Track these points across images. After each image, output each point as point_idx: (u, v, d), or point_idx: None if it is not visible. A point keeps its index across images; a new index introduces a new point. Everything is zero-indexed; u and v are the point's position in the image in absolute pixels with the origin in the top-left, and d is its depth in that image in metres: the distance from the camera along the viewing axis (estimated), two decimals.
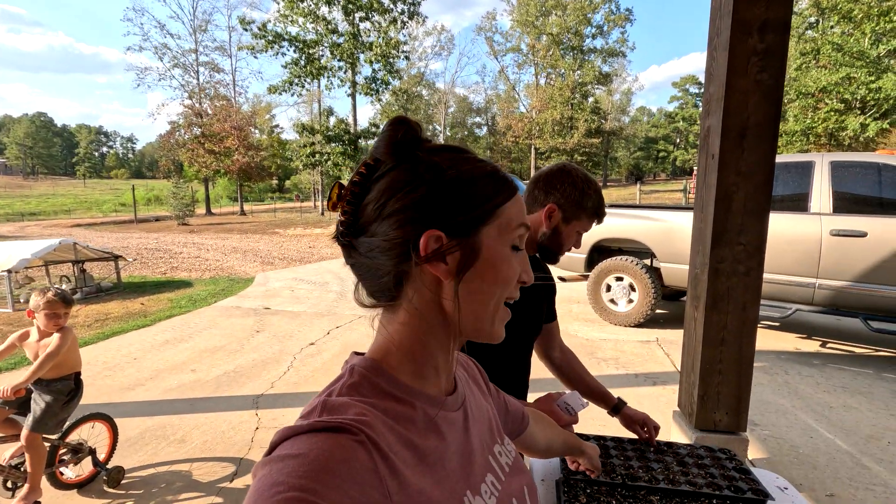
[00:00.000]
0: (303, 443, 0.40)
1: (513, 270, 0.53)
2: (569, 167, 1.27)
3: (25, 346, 2.42)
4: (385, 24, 21.23)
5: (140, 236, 19.04)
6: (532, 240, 1.30)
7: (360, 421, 0.43)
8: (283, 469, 0.38)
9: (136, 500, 2.53)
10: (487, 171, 0.53)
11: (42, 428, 2.34)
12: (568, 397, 1.21)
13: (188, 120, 33.40)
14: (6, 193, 50.38)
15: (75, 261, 8.45)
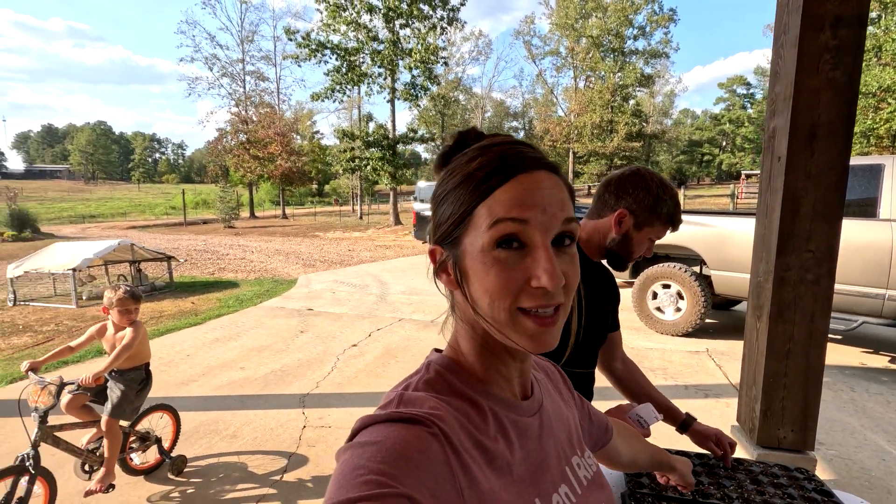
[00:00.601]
0: (381, 431, 0.43)
1: (501, 276, 0.46)
2: (643, 171, 1.22)
3: (103, 339, 2.60)
4: (424, 31, 21.46)
5: (189, 238, 19.91)
6: (600, 245, 1.27)
7: (434, 415, 0.45)
8: (364, 454, 0.40)
9: (197, 487, 2.65)
10: (468, 173, 0.49)
11: (119, 414, 2.50)
12: (640, 409, 1.17)
13: (235, 127, 34.76)
14: (70, 197, 53.80)
15: (132, 261, 8.92)
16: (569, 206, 0.50)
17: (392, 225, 23.34)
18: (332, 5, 20.84)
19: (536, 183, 0.48)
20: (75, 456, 2.47)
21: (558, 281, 0.46)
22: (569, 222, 0.49)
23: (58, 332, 5.97)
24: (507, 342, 0.49)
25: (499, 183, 0.47)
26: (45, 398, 2.27)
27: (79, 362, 4.63)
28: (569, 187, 0.52)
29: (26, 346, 5.38)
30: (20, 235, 19.99)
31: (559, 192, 0.49)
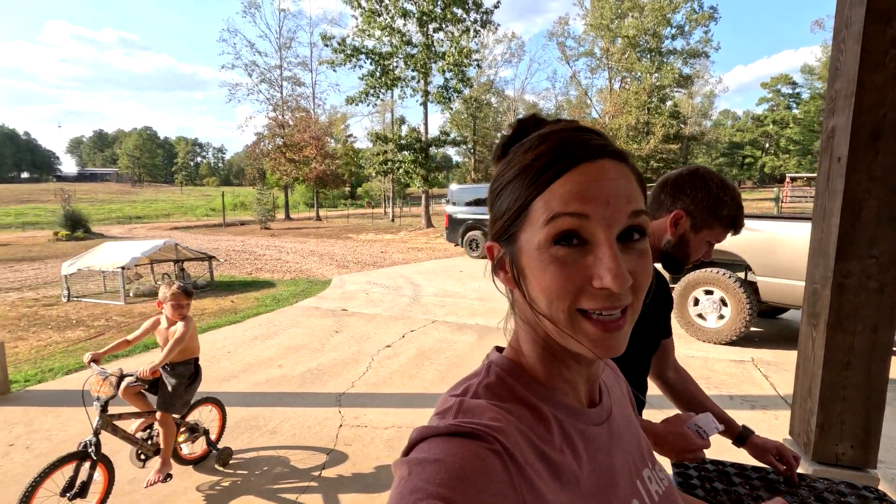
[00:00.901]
0: (440, 447, 0.40)
1: (559, 275, 0.44)
2: (703, 171, 1.17)
3: (156, 332, 2.72)
4: (458, 34, 21.53)
5: (228, 239, 20.57)
6: (654, 248, 1.22)
7: (495, 428, 0.42)
8: (422, 474, 0.38)
9: (242, 479, 2.75)
10: (525, 164, 0.46)
11: (171, 408, 2.62)
12: (700, 419, 1.11)
13: (272, 131, 35.74)
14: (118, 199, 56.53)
15: (176, 260, 9.28)
16: (637, 198, 0.45)
17: (424, 227, 23.46)
18: (367, 11, 21.19)
19: (599, 173, 0.44)
20: (131, 444, 2.60)
21: (623, 281, 0.41)
22: (637, 215, 0.44)
23: (108, 327, 6.26)
24: (569, 346, 0.46)
25: (556, 174, 0.44)
26: (106, 388, 2.40)
27: (127, 356, 4.84)
28: (638, 176, 0.47)
29: (80, 340, 5.67)
30: (73, 235, 21.11)
31: (626, 183, 0.45)
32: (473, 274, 10.17)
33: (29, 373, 4.37)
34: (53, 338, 5.81)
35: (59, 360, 4.78)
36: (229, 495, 2.60)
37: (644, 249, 0.46)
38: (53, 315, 7.06)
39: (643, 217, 0.45)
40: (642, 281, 0.45)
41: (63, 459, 2.21)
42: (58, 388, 4.04)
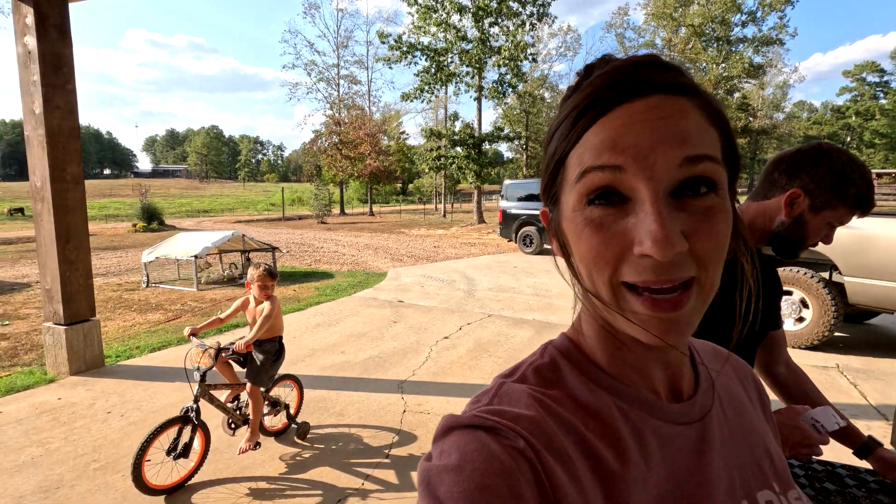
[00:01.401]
0: (461, 445, 0.36)
1: (593, 241, 0.37)
2: (826, 147, 1.08)
3: (246, 311, 2.91)
4: (513, 28, 21.29)
5: (287, 232, 21.44)
6: (764, 230, 1.14)
7: (523, 420, 0.37)
8: (441, 485, 0.34)
9: (320, 452, 2.92)
10: (569, 110, 0.39)
11: (259, 381, 2.79)
12: (818, 413, 1.02)
13: (329, 128, 36.89)
14: (187, 194, 60.27)
15: (242, 250, 9.79)
16: (697, 140, 0.35)
17: (475, 223, 23.44)
18: (422, 7, 21.36)
19: (641, 113, 0.35)
20: (224, 412, 2.80)
21: (669, 246, 0.33)
22: (695, 162, 0.35)
23: (183, 311, 6.69)
24: (619, 327, 0.39)
25: (592, 121, 0.37)
26: (205, 360, 2.60)
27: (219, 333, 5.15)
28: (711, 113, 0.38)
29: (159, 322, 6.09)
30: (149, 226, 22.72)
31: (681, 122, 0.35)
32: (528, 270, 10.04)
33: (119, 349, 4.75)
34: (136, 319, 6.28)
35: (143, 340, 5.17)
36: (309, 466, 2.77)
37: (711, 207, 0.36)
38: (135, 299, 7.63)
39: (706, 164, 0.35)
40: (708, 247, 0.36)
41: (168, 423, 2.43)
42: (144, 364, 4.37)
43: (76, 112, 3.92)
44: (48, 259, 3.90)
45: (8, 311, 6.84)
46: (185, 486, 2.50)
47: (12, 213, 30.07)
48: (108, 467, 2.67)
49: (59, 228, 3.83)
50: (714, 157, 0.36)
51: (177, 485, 2.46)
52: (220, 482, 2.59)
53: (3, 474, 2.60)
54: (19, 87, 3.75)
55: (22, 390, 3.73)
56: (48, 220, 3.82)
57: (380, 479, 2.63)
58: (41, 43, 3.65)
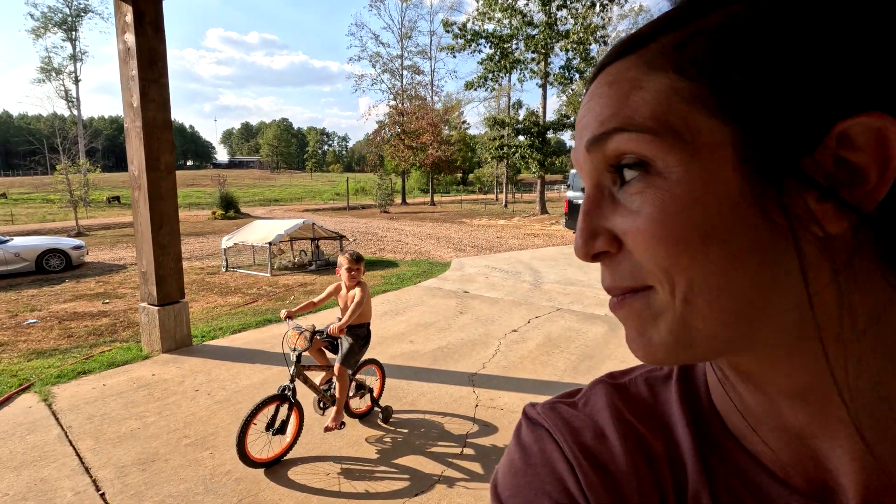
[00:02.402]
0: (523, 444, 0.34)
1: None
2: None
3: (338, 296, 3.02)
4: (583, 10, 20.43)
5: (352, 221, 22.05)
6: None
7: (585, 443, 0.32)
8: (501, 484, 0.33)
9: (404, 437, 2.97)
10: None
11: (347, 364, 2.86)
12: None
13: (392, 119, 37.46)
14: (259, 184, 63.69)
15: (312, 238, 10.13)
16: (608, 111, 0.26)
17: (538, 214, 22.96)
18: None
19: (586, 100, 0.29)
20: (315, 393, 2.90)
21: (578, 250, 0.28)
22: (598, 143, 0.27)
23: (259, 295, 7.02)
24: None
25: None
26: (301, 341, 2.69)
27: (271, 323, 5.35)
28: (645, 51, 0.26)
29: (238, 305, 6.42)
30: (226, 214, 24.22)
31: (596, 100, 0.27)
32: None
33: (204, 329, 5.04)
34: (218, 301, 6.66)
35: (225, 322, 5.45)
36: (394, 450, 2.82)
37: (639, 195, 0.26)
38: (216, 282, 8.11)
39: (615, 140, 0.26)
40: (640, 249, 0.26)
41: (267, 401, 2.54)
42: (227, 345, 4.60)
43: (168, 105, 4.14)
44: (144, 244, 4.17)
45: (108, 290, 7.50)
46: (281, 461, 2.62)
47: (110, 201, 33.16)
48: (197, 444, 2.80)
49: (154, 215, 4.08)
50: (632, 124, 0.25)
51: (274, 459, 2.58)
52: (311, 460, 2.69)
53: (108, 444, 2.80)
54: (119, 81, 4.00)
55: (122, 365, 4.04)
56: (144, 207, 4.07)
57: (463, 468, 2.63)
58: (139, 39, 3.87)
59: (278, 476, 2.52)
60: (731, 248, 0.23)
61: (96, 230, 17.94)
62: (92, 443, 2.80)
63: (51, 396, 3.43)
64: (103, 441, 2.82)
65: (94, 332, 5.19)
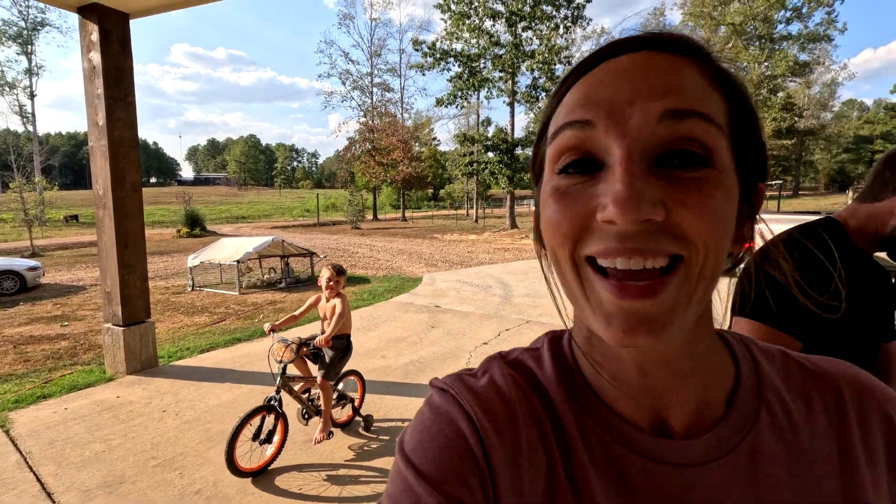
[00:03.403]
0: (431, 407, 0.39)
1: (557, 210, 0.32)
2: None
3: (318, 308, 3.10)
4: (547, 31, 21.17)
5: (322, 237, 21.88)
6: (877, 234, 1.07)
7: (489, 404, 0.38)
8: (408, 442, 0.37)
9: (386, 443, 3.07)
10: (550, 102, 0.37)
11: (328, 375, 2.94)
12: None
13: (362, 136, 37.53)
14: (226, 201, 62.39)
15: (281, 255, 10.03)
16: (684, 93, 0.30)
17: (508, 228, 23.32)
18: (456, 14, 21.51)
19: (623, 66, 0.31)
20: (300, 403, 2.97)
21: (634, 209, 0.28)
22: (679, 117, 0.29)
23: (227, 314, 6.90)
24: (586, 322, 0.33)
25: (574, 81, 0.34)
26: (287, 353, 2.79)
27: (252, 339, 5.29)
28: (715, 74, 0.33)
29: (205, 325, 6.30)
30: (192, 232, 23.63)
31: (665, 74, 0.31)
32: None
33: (170, 350, 4.94)
34: (184, 321, 6.52)
35: (192, 341, 5.35)
36: (377, 455, 2.91)
37: (702, 178, 0.30)
38: (182, 302, 7.92)
39: (694, 121, 0.30)
40: (694, 223, 0.29)
41: (255, 411, 2.62)
42: (195, 365, 4.52)
43: (135, 123, 4.12)
44: (109, 263, 4.09)
45: (67, 312, 7.23)
46: (267, 470, 2.67)
47: (68, 220, 31.84)
48: (165, 465, 2.76)
49: (119, 234, 4.02)
50: (708, 116, 0.30)
51: (261, 468, 2.64)
52: (297, 468, 2.76)
53: (71, 468, 2.73)
54: (84, 100, 3.96)
55: (84, 388, 3.92)
56: (109, 226, 4.01)
57: None
58: (105, 58, 3.85)
59: (266, 483, 2.59)
60: (731, 231, 0.32)
61: (53, 250, 17.21)
62: (54, 468, 2.73)
63: (8, 422, 3.31)
64: (66, 465, 2.75)
65: (53, 356, 5.01)
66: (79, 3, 3.83)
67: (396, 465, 0.37)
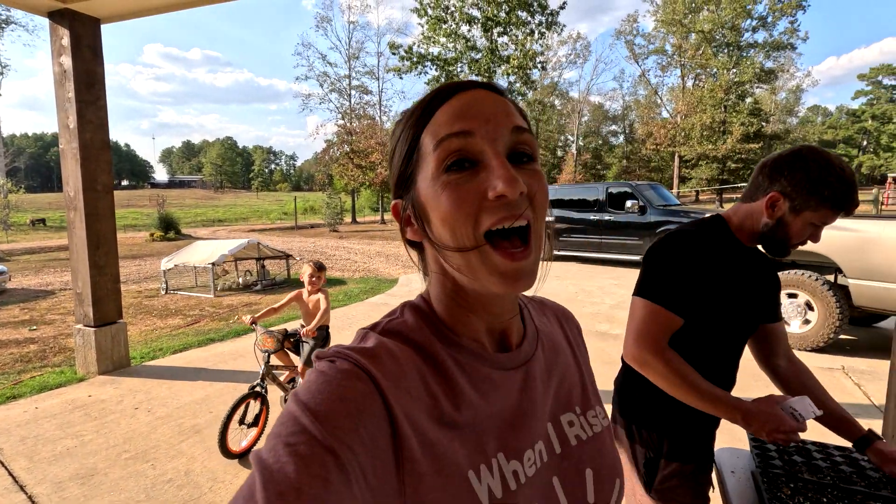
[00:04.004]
0: (323, 370, 0.42)
1: (454, 197, 0.44)
2: (806, 150, 1.14)
3: (299, 302, 3.35)
4: (522, 37, 21.55)
5: (300, 240, 21.76)
6: (753, 230, 1.22)
7: (379, 362, 0.43)
8: (304, 395, 0.40)
9: None
10: (410, 112, 0.50)
11: (310, 363, 3.13)
12: (796, 402, 1.07)
13: (340, 138, 37.39)
14: (202, 204, 61.34)
15: (257, 258, 10.03)
16: (517, 116, 0.47)
17: None
18: (432, 19, 21.73)
19: (477, 97, 0.47)
20: (282, 390, 3.19)
21: (516, 185, 0.42)
22: (520, 131, 0.46)
23: (202, 316, 6.92)
24: (478, 286, 0.47)
25: (438, 104, 0.47)
26: (271, 343, 3.02)
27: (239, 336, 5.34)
28: (517, 106, 0.49)
29: (179, 327, 6.32)
30: (166, 236, 23.25)
31: (503, 105, 0.47)
32: None
33: (143, 351, 4.97)
34: (158, 324, 6.52)
35: (165, 343, 5.38)
36: None
37: (537, 171, 0.47)
38: (155, 305, 7.89)
39: (527, 135, 0.47)
40: (540, 197, 0.46)
41: (245, 397, 2.84)
42: (168, 365, 4.57)
43: (106, 126, 4.17)
44: (80, 264, 4.13)
45: (34, 316, 7.14)
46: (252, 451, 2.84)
47: (34, 223, 30.91)
48: (138, 457, 2.85)
49: (91, 235, 4.06)
50: (531, 131, 0.47)
51: (247, 449, 2.84)
52: None
53: (42, 462, 2.79)
54: (55, 103, 4.00)
55: (54, 388, 3.95)
56: (80, 228, 4.05)
57: None
58: (76, 62, 3.91)
59: (231, 473, 2.71)
60: None
61: (19, 255, 16.77)
62: (26, 462, 2.79)
63: None
64: (38, 460, 2.81)
65: (22, 360, 4.99)
66: (50, 7, 3.87)
67: (289, 413, 0.39)
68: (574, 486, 0.52)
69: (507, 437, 0.48)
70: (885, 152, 46.98)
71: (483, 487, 0.44)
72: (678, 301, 1.19)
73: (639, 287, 1.24)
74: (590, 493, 0.53)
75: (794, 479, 1.18)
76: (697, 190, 37.85)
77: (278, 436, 0.37)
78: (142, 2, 3.86)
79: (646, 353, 1.16)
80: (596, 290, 8.09)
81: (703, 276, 1.20)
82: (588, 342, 0.70)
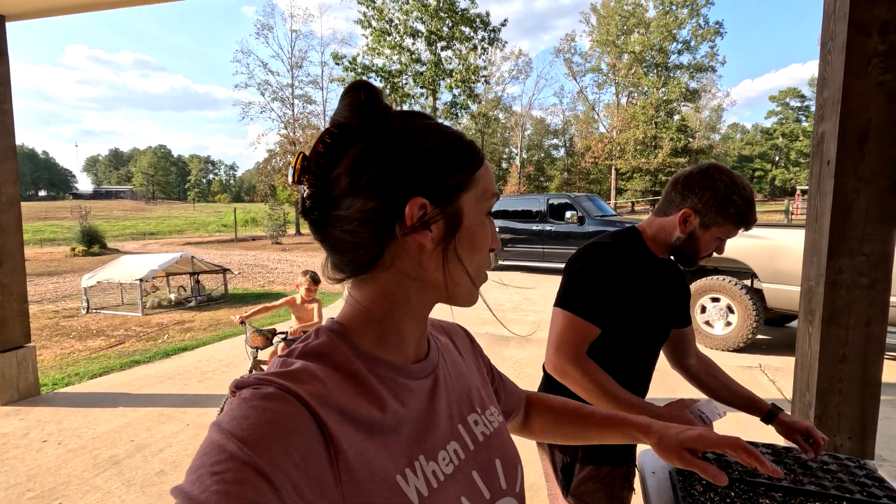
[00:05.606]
0: (250, 397, 0.42)
1: (487, 237, 0.56)
2: (713, 169, 1.21)
3: (291, 306, 3.87)
4: (465, 52, 22.02)
5: (240, 253, 20.88)
6: (665, 243, 1.29)
7: (304, 385, 0.44)
8: (230, 423, 0.39)
9: None
10: (458, 138, 0.54)
11: None
12: (703, 405, 1.13)
13: (283, 148, 36.39)
14: (132, 216, 57.50)
15: (192, 273, 9.51)
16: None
17: None
18: (376, 31, 21.74)
19: (485, 165, 0.58)
20: None
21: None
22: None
23: (127, 336, 6.45)
24: (451, 293, 0.55)
25: (482, 161, 0.55)
26: (259, 341, 3.31)
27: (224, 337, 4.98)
28: None
29: (101, 349, 5.85)
30: (89, 250, 21.57)
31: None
32: None
33: (56, 377, 4.55)
34: (76, 346, 6.00)
35: (83, 367, 4.96)
36: None
37: None
38: (74, 326, 7.27)
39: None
40: None
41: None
42: (84, 391, 4.20)
43: (13, 131, 3.82)
44: None
45: None
46: None
47: None
48: (44, 495, 2.58)
49: None
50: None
51: None
52: None
53: None
54: None
55: None
56: None
57: None
58: None
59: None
60: None
61: None
62: None
63: None
64: None
65: None
66: None
67: (211, 442, 0.38)
68: (490, 476, 0.59)
69: (424, 440, 0.52)
70: (794, 167, 51.66)
71: (412, 489, 0.48)
72: (596, 311, 1.23)
73: (559, 298, 1.27)
74: (502, 481, 0.60)
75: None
76: (633, 201, 39.92)
77: (201, 467, 0.36)
78: (51, 0, 3.59)
79: (565, 363, 1.19)
80: (538, 299, 8.28)
81: (620, 287, 1.25)
82: (531, 349, 0.74)
